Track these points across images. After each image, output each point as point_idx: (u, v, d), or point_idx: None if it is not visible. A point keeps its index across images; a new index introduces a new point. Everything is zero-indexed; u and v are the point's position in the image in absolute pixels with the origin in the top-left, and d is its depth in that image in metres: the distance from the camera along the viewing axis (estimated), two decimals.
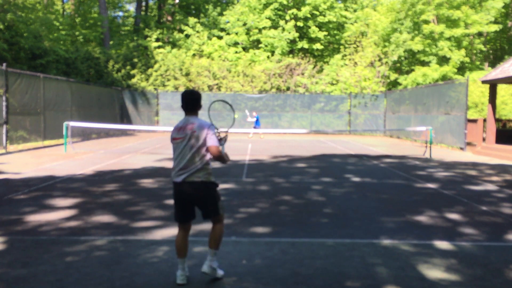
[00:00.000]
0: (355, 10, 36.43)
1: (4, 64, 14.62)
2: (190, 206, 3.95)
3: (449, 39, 28.09)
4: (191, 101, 3.96)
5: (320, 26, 33.19)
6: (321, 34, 32.33)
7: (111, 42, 34.24)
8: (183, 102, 3.97)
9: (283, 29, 32.31)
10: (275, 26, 32.88)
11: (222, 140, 4.11)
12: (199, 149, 3.83)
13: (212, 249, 3.93)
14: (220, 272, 3.95)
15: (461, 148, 17.63)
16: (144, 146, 17.53)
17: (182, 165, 3.85)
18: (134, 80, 28.26)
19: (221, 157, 3.92)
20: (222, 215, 3.99)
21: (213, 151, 3.85)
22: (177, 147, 3.90)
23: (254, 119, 23.01)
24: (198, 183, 3.83)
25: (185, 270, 3.89)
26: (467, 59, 28.56)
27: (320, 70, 30.74)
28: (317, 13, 32.57)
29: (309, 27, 32.78)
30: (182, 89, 28.60)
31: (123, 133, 25.22)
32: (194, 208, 3.98)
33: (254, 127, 22.89)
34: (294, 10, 32.15)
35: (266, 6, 33.14)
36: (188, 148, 3.84)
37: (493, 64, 33.84)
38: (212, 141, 3.84)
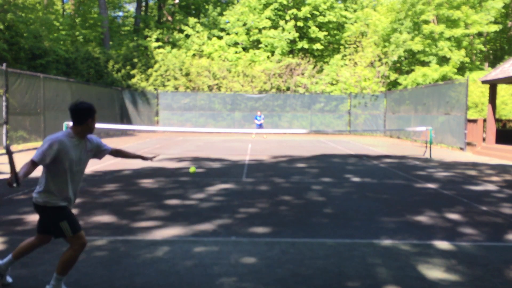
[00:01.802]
0: (355, 10, 36.42)
1: (4, 64, 14.62)
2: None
3: (449, 39, 28.08)
4: (70, 112, 3.55)
5: (320, 26, 33.19)
6: (321, 34, 32.32)
7: (111, 42, 34.23)
8: None
9: (283, 29, 32.31)
10: (275, 26, 32.88)
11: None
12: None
13: (56, 273, 3.47)
14: None
15: (461, 148, 17.63)
16: (144, 146, 17.53)
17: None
18: (134, 80, 28.26)
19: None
20: (71, 236, 3.47)
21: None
22: None
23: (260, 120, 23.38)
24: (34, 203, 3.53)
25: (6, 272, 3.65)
26: (467, 59, 28.55)
27: (320, 70, 30.75)
28: (317, 13, 32.57)
29: (309, 27, 32.77)
30: (182, 89, 28.63)
31: (123, 133, 25.22)
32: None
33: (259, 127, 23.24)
34: (294, 10, 32.15)
35: (266, 6, 33.13)
36: None
37: (493, 64, 33.83)
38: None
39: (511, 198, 7.85)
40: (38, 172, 3.65)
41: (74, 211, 6.41)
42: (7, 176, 9.41)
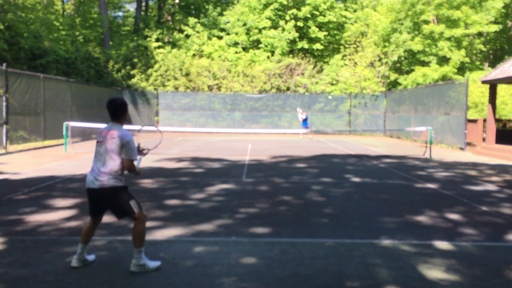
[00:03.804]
0: (355, 10, 36.42)
1: (4, 64, 14.62)
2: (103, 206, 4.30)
3: (449, 39, 28.08)
4: (110, 109, 4.22)
5: (320, 26, 33.19)
6: (321, 34, 32.32)
7: (111, 42, 34.24)
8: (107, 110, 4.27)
9: (283, 29, 32.31)
10: (275, 26, 32.88)
11: (141, 154, 4.72)
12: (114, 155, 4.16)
13: (136, 248, 4.17)
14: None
15: (461, 148, 17.63)
16: (144, 147, 17.51)
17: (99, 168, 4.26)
18: (134, 80, 28.25)
19: (133, 170, 4.27)
20: (139, 212, 4.24)
21: (126, 164, 4.20)
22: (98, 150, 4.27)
23: (303, 118, 22.92)
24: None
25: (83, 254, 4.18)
26: (467, 59, 28.55)
27: (320, 70, 30.74)
28: (317, 13, 32.56)
29: (309, 27, 32.77)
30: (182, 89, 28.62)
31: None
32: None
33: (305, 127, 22.74)
34: (294, 10, 32.15)
35: (266, 6, 33.13)
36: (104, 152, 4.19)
37: (493, 64, 33.82)
38: (128, 155, 4.18)
39: (511, 198, 7.85)
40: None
41: (74, 211, 6.42)
42: (7, 176, 9.43)
